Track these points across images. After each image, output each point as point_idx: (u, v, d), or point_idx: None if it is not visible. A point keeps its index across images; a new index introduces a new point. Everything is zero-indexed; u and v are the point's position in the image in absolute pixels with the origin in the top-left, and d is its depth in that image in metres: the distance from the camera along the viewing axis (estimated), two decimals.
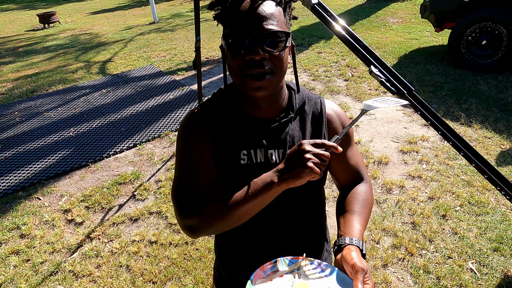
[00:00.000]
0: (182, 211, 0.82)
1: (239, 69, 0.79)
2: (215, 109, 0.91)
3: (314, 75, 5.01)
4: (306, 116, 0.95)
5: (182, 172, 0.87)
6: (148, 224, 2.62)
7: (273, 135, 0.90)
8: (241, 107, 0.90)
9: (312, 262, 0.85)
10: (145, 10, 11.65)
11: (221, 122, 0.90)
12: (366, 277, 0.75)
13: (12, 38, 9.17)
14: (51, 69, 6.30)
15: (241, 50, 0.77)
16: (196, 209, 0.81)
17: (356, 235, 0.85)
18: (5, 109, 4.74)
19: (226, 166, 0.89)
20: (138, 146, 3.64)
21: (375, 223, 2.46)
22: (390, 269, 2.13)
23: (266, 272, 0.82)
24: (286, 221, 0.96)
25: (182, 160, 0.88)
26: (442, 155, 3.11)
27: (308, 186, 0.94)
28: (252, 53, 0.76)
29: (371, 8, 8.56)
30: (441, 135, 1.25)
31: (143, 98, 4.74)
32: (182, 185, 0.85)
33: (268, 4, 0.79)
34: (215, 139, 0.88)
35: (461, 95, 4.06)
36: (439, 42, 5.88)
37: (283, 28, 0.80)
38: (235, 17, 0.79)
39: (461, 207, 2.53)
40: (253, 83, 0.79)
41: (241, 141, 0.89)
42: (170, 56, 6.45)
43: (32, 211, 2.83)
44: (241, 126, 0.89)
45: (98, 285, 2.17)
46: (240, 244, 0.99)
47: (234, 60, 0.79)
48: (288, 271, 0.83)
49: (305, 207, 0.99)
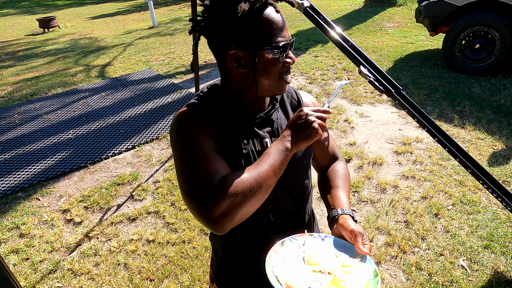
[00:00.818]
0: (206, 203, 0.76)
1: (280, 73, 0.90)
2: (208, 105, 0.94)
3: (311, 78, 5.08)
4: (287, 106, 1.05)
5: (193, 165, 0.82)
6: (146, 223, 2.66)
7: (265, 126, 0.98)
8: (234, 104, 0.96)
9: (314, 236, 0.94)
10: (144, 15, 11.75)
11: (220, 115, 0.94)
12: (364, 239, 0.86)
13: (12, 43, 9.24)
14: (51, 73, 6.36)
15: (282, 57, 0.88)
16: (223, 192, 0.76)
17: (346, 206, 0.97)
18: (5, 112, 4.79)
19: (229, 156, 0.91)
20: (137, 148, 3.68)
21: (369, 221, 2.51)
22: (383, 266, 2.17)
23: (277, 251, 0.89)
24: (280, 211, 1.02)
25: (189, 154, 0.83)
26: (436, 156, 3.16)
27: (302, 175, 1.03)
28: (292, 59, 0.89)
29: (367, 12, 8.66)
30: (427, 131, 1.30)
31: (141, 101, 4.79)
32: (197, 178, 0.80)
33: (280, 14, 0.88)
34: (217, 130, 0.90)
35: (455, 98, 4.12)
36: (434, 46, 5.96)
37: None
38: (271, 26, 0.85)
39: (453, 206, 2.58)
40: (286, 83, 0.92)
41: (239, 132, 0.95)
42: (169, 60, 6.52)
43: (31, 211, 2.87)
44: (237, 119, 0.96)
45: (97, 283, 2.21)
46: (239, 240, 1.03)
47: (275, 66, 0.88)
48: (296, 248, 0.91)
49: (296, 194, 1.05)
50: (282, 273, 0.83)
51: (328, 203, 1.02)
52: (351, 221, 0.90)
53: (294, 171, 1.01)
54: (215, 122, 0.91)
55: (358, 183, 2.90)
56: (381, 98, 4.31)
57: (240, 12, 0.82)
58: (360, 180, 2.94)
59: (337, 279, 0.80)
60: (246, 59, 0.88)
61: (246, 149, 0.93)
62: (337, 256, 0.87)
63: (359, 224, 2.50)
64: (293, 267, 0.85)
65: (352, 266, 0.84)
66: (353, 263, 0.85)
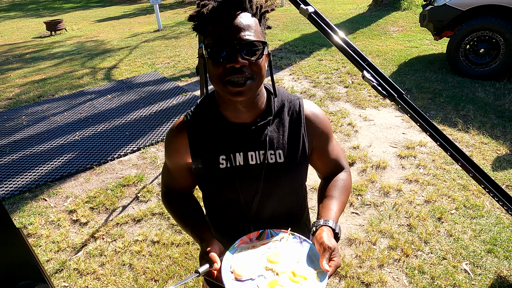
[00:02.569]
0: (161, 187, 1.18)
1: (220, 76, 0.85)
2: (198, 118, 0.99)
3: (315, 82, 5.11)
4: (284, 118, 0.99)
5: (164, 167, 1.14)
6: (150, 224, 2.69)
7: (252, 138, 0.96)
8: (222, 113, 0.97)
9: (294, 236, 0.94)
10: (150, 18, 11.86)
11: (201, 130, 0.98)
12: (333, 255, 0.83)
13: (19, 45, 9.36)
14: (57, 75, 6.44)
15: (221, 58, 0.83)
16: (163, 193, 1.16)
17: (331, 217, 0.94)
18: (12, 113, 4.86)
19: (205, 170, 0.98)
20: (142, 150, 3.72)
21: (372, 225, 2.52)
22: (386, 270, 2.19)
23: (252, 239, 0.93)
24: (267, 220, 1.03)
25: (165, 159, 1.10)
26: (439, 160, 3.17)
27: (289, 189, 1.03)
28: (233, 61, 0.82)
29: (372, 16, 8.69)
30: (429, 136, 1.32)
31: (147, 104, 4.84)
32: (162, 174, 1.16)
33: (244, 16, 0.84)
34: (192, 147, 0.98)
35: (459, 102, 4.13)
36: (438, 50, 5.97)
37: (260, 38, 0.86)
38: (214, 29, 0.85)
39: (456, 210, 2.59)
40: (234, 89, 0.84)
41: (220, 146, 0.96)
42: (174, 63, 6.57)
43: (38, 211, 2.91)
44: (221, 132, 0.96)
45: (102, 283, 2.24)
46: (225, 242, 1.04)
47: (215, 68, 0.85)
48: (271, 241, 0.93)
49: (286, 206, 1.05)
50: (239, 259, 0.88)
51: (318, 213, 1.00)
52: (326, 234, 0.87)
53: (286, 190, 1.01)
54: (192, 140, 0.98)
55: (362, 186, 2.92)
56: (385, 102, 4.33)
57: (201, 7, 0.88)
58: (364, 184, 2.95)
59: (276, 282, 0.82)
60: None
61: (223, 164, 0.95)
62: (298, 262, 0.87)
63: (362, 227, 2.52)
64: (252, 258, 0.89)
65: (303, 276, 0.83)
66: (306, 274, 0.83)
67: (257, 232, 0.96)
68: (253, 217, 1.01)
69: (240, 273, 0.84)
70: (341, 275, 2.17)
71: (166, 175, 1.13)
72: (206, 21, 0.87)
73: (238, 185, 0.96)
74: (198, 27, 0.90)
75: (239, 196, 0.98)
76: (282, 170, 0.97)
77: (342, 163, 1.12)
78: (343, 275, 2.16)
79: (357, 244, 2.39)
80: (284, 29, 8.40)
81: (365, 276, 2.14)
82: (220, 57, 0.83)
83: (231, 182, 0.96)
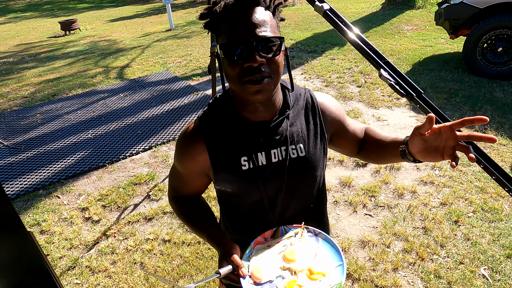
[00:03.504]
0: (168, 190, 1.15)
1: (238, 76, 0.81)
2: (213, 121, 0.95)
3: (327, 81, 5.05)
4: (300, 111, 0.98)
5: (171, 173, 1.10)
6: (162, 223, 2.69)
7: (273, 135, 0.94)
8: (240, 113, 0.93)
9: (309, 230, 0.93)
10: (162, 17, 11.94)
11: (218, 133, 0.94)
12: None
13: (35, 45, 9.53)
14: (71, 74, 6.52)
15: (238, 58, 0.80)
16: (172, 197, 1.12)
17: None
18: (27, 111, 4.94)
19: (227, 174, 0.94)
20: (154, 148, 3.74)
21: (386, 227, 2.47)
22: (400, 273, 2.13)
23: (267, 239, 0.92)
24: (291, 218, 1.01)
25: (174, 165, 1.06)
26: None
27: (311, 182, 1.00)
28: (251, 61, 0.78)
29: (385, 15, 8.56)
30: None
31: (158, 102, 4.86)
32: (169, 182, 1.13)
33: (258, 11, 0.81)
34: (211, 152, 0.94)
35: (476, 102, 4.02)
36: (454, 49, 5.84)
37: (276, 33, 0.83)
38: (228, 26, 0.81)
39: (474, 213, 2.52)
40: (253, 87, 0.81)
41: (240, 148, 0.93)
42: (186, 62, 6.59)
43: (51, 208, 2.95)
44: (240, 133, 0.93)
45: (113, 281, 2.24)
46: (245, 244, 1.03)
47: (232, 68, 0.81)
48: (286, 238, 0.92)
49: (309, 200, 1.03)
50: (256, 261, 0.87)
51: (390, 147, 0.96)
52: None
53: (308, 184, 1.00)
54: (209, 143, 0.94)
55: (375, 187, 2.86)
56: (398, 101, 4.25)
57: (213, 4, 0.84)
58: (377, 185, 2.89)
59: (294, 282, 0.81)
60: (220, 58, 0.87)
61: (246, 165, 0.93)
62: (315, 257, 0.87)
63: (375, 229, 2.47)
64: (268, 258, 0.88)
65: (321, 272, 0.82)
66: (324, 270, 0.83)
67: (271, 231, 0.94)
68: (277, 216, 0.98)
69: (258, 276, 0.83)
70: (354, 278, 2.12)
71: (176, 180, 1.08)
72: (218, 19, 0.84)
73: (262, 185, 0.94)
74: (210, 24, 0.87)
75: (263, 196, 0.95)
76: (304, 163, 0.96)
77: (362, 128, 1.10)
78: (356, 278, 2.12)
79: (371, 247, 2.34)
80: (296, 28, 8.35)
81: (379, 280, 2.09)
82: (237, 57, 0.80)
83: (255, 183, 0.93)
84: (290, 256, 0.87)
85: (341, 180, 3.00)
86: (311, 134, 0.98)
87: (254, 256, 0.89)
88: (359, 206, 2.70)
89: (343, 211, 2.66)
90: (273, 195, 0.96)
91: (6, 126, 4.51)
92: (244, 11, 0.80)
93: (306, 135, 0.97)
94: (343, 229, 2.50)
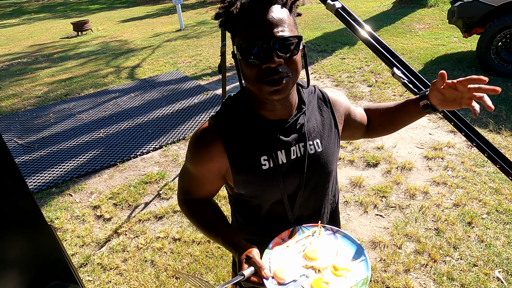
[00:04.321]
0: (178, 193, 1.09)
1: (256, 77, 0.80)
2: (229, 121, 0.93)
3: (337, 80, 5.02)
4: (314, 107, 1.00)
5: (183, 173, 1.04)
6: (172, 222, 2.71)
7: (292, 132, 0.93)
8: (257, 112, 0.92)
9: (326, 228, 0.93)
10: (172, 18, 12.02)
11: (236, 133, 0.92)
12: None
13: (48, 45, 9.70)
14: (83, 74, 6.62)
15: (256, 59, 0.79)
16: (182, 199, 1.06)
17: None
18: (41, 111, 5.02)
19: (247, 174, 0.92)
20: (164, 148, 3.76)
21: (397, 228, 2.44)
22: (412, 275, 2.11)
23: (284, 239, 0.92)
24: (309, 216, 1.01)
25: (186, 165, 1.01)
26: (469, 162, 3.04)
27: (328, 177, 1.01)
28: (269, 61, 0.77)
29: (396, 14, 8.46)
30: (465, 136, 1.25)
31: (169, 102, 4.89)
32: (179, 182, 1.07)
33: (275, 9, 0.79)
34: (230, 153, 0.91)
35: None
36: (467, 48, 5.74)
37: (293, 32, 0.82)
38: (244, 27, 0.80)
39: (488, 215, 2.47)
40: (271, 88, 0.80)
41: (260, 147, 0.91)
42: (196, 62, 6.63)
43: (64, 206, 2.99)
44: (258, 132, 0.92)
45: (124, 278, 2.27)
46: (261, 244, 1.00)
47: (250, 69, 0.80)
48: (303, 238, 0.91)
49: (326, 197, 1.04)
50: (277, 261, 0.86)
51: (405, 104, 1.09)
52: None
53: (325, 179, 1.00)
54: (227, 144, 0.91)
55: (386, 188, 2.83)
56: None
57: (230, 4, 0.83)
58: (388, 185, 2.86)
59: (320, 279, 0.81)
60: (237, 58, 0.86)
61: (266, 165, 0.91)
62: (337, 254, 0.86)
63: (386, 230, 2.44)
64: (289, 258, 0.87)
65: (345, 268, 0.82)
66: (348, 265, 0.83)
67: (288, 231, 0.94)
68: (296, 215, 0.98)
69: (281, 276, 0.82)
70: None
71: (188, 182, 1.03)
72: (235, 18, 0.83)
73: (282, 184, 0.93)
74: (225, 23, 0.86)
75: (283, 195, 0.94)
76: (321, 158, 0.96)
77: (362, 109, 1.17)
78: None
79: (382, 247, 2.31)
80: (306, 27, 8.31)
81: (390, 281, 2.07)
82: (255, 58, 0.79)
83: (276, 182, 0.92)
84: (312, 254, 0.86)
85: (352, 180, 2.97)
86: (326, 128, 0.99)
87: (274, 257, 0.88)
88: (370, 207, 2.67)
89: (354, 212, 2.64)
90: (293, 193, 0.96)
91: (20, 125, 4.60)
92: (260, 10, 0.79)
93: (321, 130, 0.98)
94: (354, 229, 2.48)
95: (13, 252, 0.28)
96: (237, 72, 0.89)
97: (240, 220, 1.06)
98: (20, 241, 0.27)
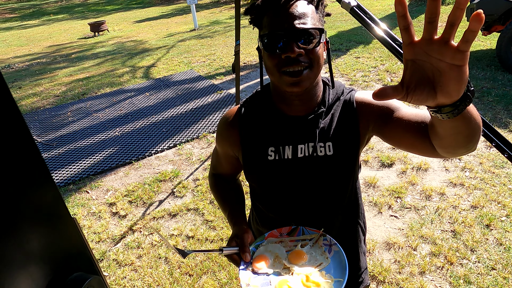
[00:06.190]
0: (210, 168, 1.23)
1: (277, 66, 0.83)
2: (251, 108, 1.00)
3: (352, 80, 4.97)
4: (337, 110, 0.94)
5: (214, 150, 1.16)
6: (185, 220, 2.74)
7: (303, 131, 0.93)
8: (276, 105, 0.95)
9: (325, 238, 0.90)
10: (186, 18, 12.12)
11: (253, 120, 0.97)
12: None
13: (66, 46, 9.92)
14: (100, 74, 6.75)
15: (276, 49, 0.81)
16: (211, 173, 1.21)
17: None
18: (59, 109, 5.15)
19: (254, 161, 0.97)
20: (178, 146, 3.80)
21: (412, 229, 2.40)
22: (427, 277, 2.07)
23: (282, 234, 0.93)
24: (312, 216, 0.99)
25: (215, 147, 1.13)
26: (487, 163, 2.96)
27: (338, 183, 0.96)
28: (289, 51, 0.79)
29: (413, 12, 8.32)
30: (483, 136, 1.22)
31: (183, 101, 4.94)
32: (212, 156, 1.20)
33: (300, 4, 0.82)
34: (242, 137, 0.98)
35: (510, 101, 3.84)
36: (487, 46, 5.60)
37: (316, 25, 0.82)
38: (268, 19, 0.83)
39: (507, 218, 2.40)
40: (291, 79, 0.81)
41: (269, 138, 0.94)
42: (209, 62, 6.67)
43: (81, 203, 3.06)
44: (272, 124, 0.95)
45: (139, 274, 2.31)
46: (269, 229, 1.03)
47: (271, 59, 0.83)
48: (300, 239, 0.91)
49: (334, 201, 0.99)
50: (263, 251, 0.89)
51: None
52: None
53: (335, 185, 0.96)
54: (243, 131, 0.98)
55: (401, 188, 2.79)
56: None
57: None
58: (403, 186, 2.82)
59: (285, 281, 0.81)
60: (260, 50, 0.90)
61: (272, 156, 0.94)
62: (318, 267, 0.83)
63: (401, 231, 2.41)
64: (275, 252, 0.89)
65: (316, 282, 0.79)
66: (321, 281, 0.80)
67: (289, 228, 0.94)
68: (299, 214, 0.98)
69: (257, 266, 0.85)
70: (379, 280, 2.08)
71: (215, 158, 1.16)
72: (261, 13, 0.86)
73: (285, 178, 0.95)
74: (254, 20, 0.90)
75: (285, 189, 0.97)
76: (331, 163, 0.92)
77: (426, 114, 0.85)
78: (381, 280, 2.08)
79: (396, 249, 2.28)
80: None
81: (404, 283, 2.04)
82: (276, 48, 0.81)
83: (278, 175, 0.95)
84: (296, 256, 0.86)
85: (366, 180, 2.94)
86: (344, 134, 0.93)
87: (263, 246, 0.91)
88: (384, 207, 2.64)
89: (368, 212, 2.61)
90: (297, 192, 0.96)
91: (40, 123, 4.72)
92: (285, 5, 0.82)
93: (338, 134, 0.92)
94: (368, 230, 2.45)
95: (39, 243, 0.29)
96: (260, 66, 0.94)
97: (253, 210, 1.14)
98: (45, 233, 0.28)
